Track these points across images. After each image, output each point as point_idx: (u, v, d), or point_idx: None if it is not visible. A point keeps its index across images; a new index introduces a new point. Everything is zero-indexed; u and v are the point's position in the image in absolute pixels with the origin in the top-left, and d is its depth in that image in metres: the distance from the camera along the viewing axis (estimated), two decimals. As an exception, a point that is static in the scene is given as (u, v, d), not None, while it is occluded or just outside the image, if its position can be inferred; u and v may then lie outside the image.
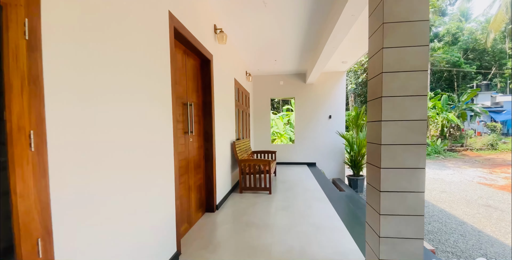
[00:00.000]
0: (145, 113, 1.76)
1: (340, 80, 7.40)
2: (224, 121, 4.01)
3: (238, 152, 4.53)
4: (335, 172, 7.47)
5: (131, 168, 1.58)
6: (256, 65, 6.41)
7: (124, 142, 1.51)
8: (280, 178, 5.65)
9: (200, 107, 3.24)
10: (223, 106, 3.94)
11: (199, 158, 3.19)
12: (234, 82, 4.81)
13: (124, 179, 1.51)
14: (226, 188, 4.09)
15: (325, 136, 7.45)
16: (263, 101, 7.66)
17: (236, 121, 5.15)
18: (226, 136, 4.19)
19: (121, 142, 1.48)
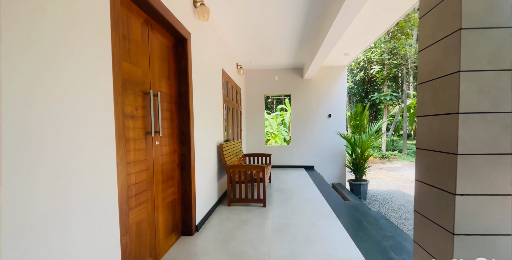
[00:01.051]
0: (55, 100, 1.01)
1: (340, 76, 6.74)
2: (207, 119, 3.27)
3: (227, 156, 3.80)
4: (335, 176, 6.80)
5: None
6: (248, 56, 5.68)
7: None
8: (276, 184, 4.94)
9: (173, 99, 2.50)
10: (206, 100, 3.20)
11: (171, 166, 2.44)
12: (222, 73, 4.08)
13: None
14: (211, 200, 3.35)
15: (324, 136, 6.78)
16: (257, 98, 6.94)
17: (224, 119, 4.41)
18: (211, 137, 3.45)
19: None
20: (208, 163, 3.28)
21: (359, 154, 6.09)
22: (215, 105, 3.64)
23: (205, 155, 3.13)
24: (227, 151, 3.93)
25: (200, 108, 2.94)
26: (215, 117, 3.63)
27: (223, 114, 4.15)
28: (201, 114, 2.96)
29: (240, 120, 6.05)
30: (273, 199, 3.92)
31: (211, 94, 3.44)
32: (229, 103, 4.73)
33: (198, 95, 2.87)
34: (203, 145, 3.05)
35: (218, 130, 3.84)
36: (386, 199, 6.19)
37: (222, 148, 3.67)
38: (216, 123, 3.73)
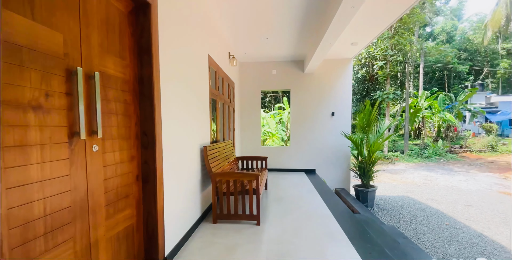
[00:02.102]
0: None
1: (345, 70, 6.07)
2: (186, 115, 2.56)
3: (213, 161, 3.10)
4: (339, 180, 6.14)
5: None
6: (242, 44, 4.97)
7: None
8: (273, 193, 4.26)
9: (129, 86, 1.79)
10: (184, 90, 2.49)
11: (125, 181, 1.74)
12: (209, 61, 3.37)
13: None
14: (190, 219, 2.65)
15: (326, 137, 6.11)
16: (252, 94, 6.24)
17: (212, 117, 3.71)
18: (192, 138, 2.75)
19: None
20: (187, 171, 2.58)
21: (366, 156, 5.43)
22: (198, 99, 2.94)
23: (182, 161, 2.43)
24: (214, 155, 3.24)
25: (174, 101, 2.24)
26: (198, 113, 2.93)
27: (210, 110, 3.45)
28: (175, 109, 2.26)
29: (233, 118, 5.35)
30: (269, 213, 3.23)
31: (192, 85, 2.74)
32: (219, 98, 4.03)
33: (171, 84, 2.17)
34: (179, 148, 2.35)
35: (202, 129, 3.14)
36: (396, 207, 5.54)
37: (207, 151, 2.97)
38: (200, 121, 3.03)
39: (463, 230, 4.37)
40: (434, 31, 29.17)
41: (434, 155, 14.27)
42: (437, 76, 28.16)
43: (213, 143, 3.60)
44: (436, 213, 5.17)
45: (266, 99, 19.73)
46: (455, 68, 26.57)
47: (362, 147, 5.54)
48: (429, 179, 8.74)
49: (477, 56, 28.58)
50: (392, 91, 13.60)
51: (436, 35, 29.18)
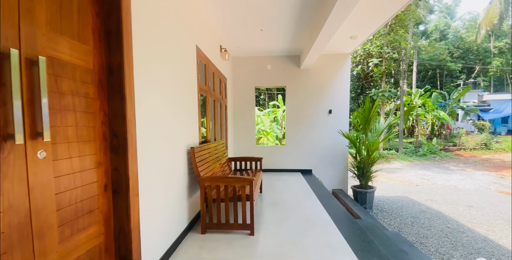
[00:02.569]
0: None
1: (343, 65, 5.81)
2: (169, 112, 2.25)
3: (201, 164, 2.80)
4: (336, 181, 5.91)
5: None
6: (234, 37, 4.65)
7: None
8: (268, 196, 3.98)
9: (93, 77, 1.47)
10: (165, 83, 2.18)
11: (89, 193, 1.43)
12: (197, 53, 3.05)
13: None
14: (173, 231, 2.35)
15: (323, 135, 5.86)
16: (246, 90, 5.93)
17: (202, 114, 3.41)
18: (177, 139, 2.44)
19: None
20: (171, 176, 2.27)
21: (365, 156, 5.20)
22: (184, 94, 2.63)
23: (164, 165, 2.12)
24: (203, 157, 2.93)
25: (153, 96, 1.92)
26: (184, 110, 2.62)
27: (199, 107, 3.14)
28: (154, 105, 1.95)
29: (225, 116, 5.04)
30: (264, 220, 2.95)
31: (177, 78, 2.42)
32: (209, 94, 3.71)
33: (148, 76, 1.85)
34: (159, 151, 2.04)
35: (190, 128, 2.83)
36: (395, 209, 5.34)
37: (195, 153, 2.66)
38: (187, 119, 2.72)
39: (467, 234, 4.18)
40: (427, 29, 29.24)
41: (429, 153, 14.23)
42: (429, 74, 28.32)
43: (202, 143, 3.29)
44: (437, 215, 4.98)
45: (261, 97, 19.44)
46: (448, 67, 26.75)
47: (361, 146, 5.31)
48: (426, 178, 8.60)
49: (470, 54, 28.79)
50: (388, 88, 13.46)
51: (429, 33, 29.26)
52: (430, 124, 18.14)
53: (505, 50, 28.33)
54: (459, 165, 11.41)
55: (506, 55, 28.46)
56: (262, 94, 19.41)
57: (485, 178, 8.54)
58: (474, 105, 19.72)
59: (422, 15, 19.85)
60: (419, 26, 28.91)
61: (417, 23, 22.40)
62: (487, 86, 30.07)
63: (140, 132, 1.71)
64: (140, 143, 1.70)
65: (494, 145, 16.55)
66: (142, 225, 1.73)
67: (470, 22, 31.66)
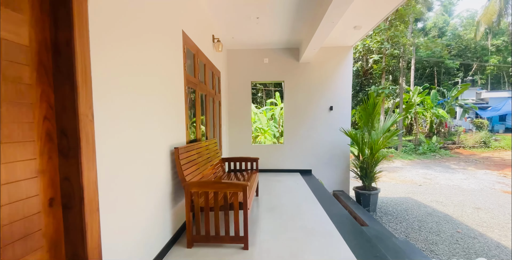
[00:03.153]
0: None
1: (345, 59, 5.46)
2: (144, 106, 1.88)
3: (188, 167, 2.44)
4: (337, 182, 5.59)
5: None
6: (228, 26, 4.27)
7: None
8: (265, 200, 3.64)
9: (32, 57, 1.09)
10: (139, 70, 1.81)
11: (26, 210, 1.06)
12: (183, 39, 2.67)
13: None
14: (154, 245, 1.99)
15: (324, 134, 5.53)
16: (242, 85, 5.56)
17: (191, 110, 3.04)
18: (156, 137, 2.07)
19: None
20: (148, 182, 1.90)
21: (369, 156, 4.87)
22: (167, 86, 2.26)
23: (139, 170, 1.76)
24: (191, 158, 2.57)
25: (122, 86, 1.56)
26: (166, 105, 2.25)
27: (186, 102, 2.76)
28: (124, 98, 1.58)
29: (219, 113, 4.68)
30: (260, 230, 2.61)
31: (156, 65, 2.05)
32: (200, 88, 3.34)
33: (115, 60, 1.48)
34: (131, 153, 1.67)
35: (175, 125, 2.46)
36: (400, 212, 5.03)
37: (179, 154, 2.29)
38: (171, 115, 2.35)
39: (478, 239, 3.89)
40: (426, 26, 28.99)
41: (429, 151, 14.01)
42: (427, 72, 28.16)
43: (191, 142, 2.93)
44: (445, 218, 4.68)
45: (258, 95, 19.06)
46: (446, 64, 26.60)
47: (364, 145, 4.98)
48: (428, 177, 8.34)
49: (467, 52, 28.64)
50: (388, 85, 13.17)
51: (428, 30, 29.02)
52: (429, 122, 17.95)
53: (502, 48, 28.26)
54: (460, 163, 11.18)
55: (503, 53, 28.39)
56: (259, 92, 19.05)
57: (488, 177, 8.29)
58: (472, 103, 19.56)
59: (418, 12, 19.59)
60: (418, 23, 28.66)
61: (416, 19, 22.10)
62: (484, 84, 30.02)
63: (101, 130, 1.35)
64: (100, 144, 1.34)
65: (493, 143, 16.40)
66: (105, 247, 1.37)
67: (468, 20, 31.50)
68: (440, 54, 22.34)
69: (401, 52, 14.24)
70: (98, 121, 1.31)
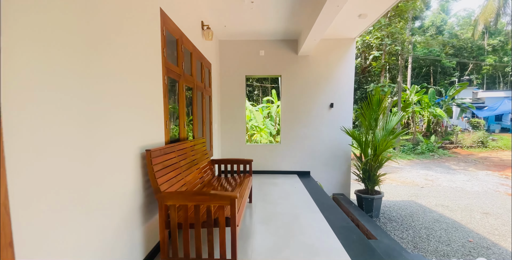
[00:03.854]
0: None
1: (348, 52, 5.05)
2: (98, 94, 1.43)
3: (164, 173, 2.00)
4: (337, 184, 5.20)
5: None
6: (220, 11, 3.81)
7: None
8: (259, 208, 3.22)
9: None
10: (91, 48, 1.36)
11: None
12: (161, 19, 2.22)
13: None
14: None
15: (323, 133, 5.12)
16: (235, 80, 5.12)
17: (174, 105, 2.60)
18: (116, 136, 1.63)
19: None
20: (104, 196, 1.46)
21: (372, 157, 4.49)
22: (139, 73, 1.81)
23: (88, 180, 1.31)
24: (168, 162, 2.13)
25: (52, 60, 1.11)
26: (136, 97, 1.80)
27: (165, 94, 2.32)
28: (54, 79, 1.13)
29: (209, 109, 4.24)
30: (252, 248, 2.19)
31: (121, 46, 1.60)
32: (184, 79, 2.89)
33: (50, 26, 1.04)
34: (77, 158, 1.23)
35: (149, 122, 2.02)
36: (405, 217, 4.67)
37: (152, 158, 1.85)
38: (142, 110, 1.90)
39: (492, 250, 3.54)
40: (424, 24, 28.79)
41: (427, 151, 13.77)
42: (423, 71, 28.06)
43: (172, 142, 2.49)
44: (453, 225, 4.33)
45: (254, 93, 18.62)
46: (443, 63, 26.48)
47: (367, 146, 4.59)
48: (429, 178, 8.02)
49: (463, 52, 28.58)
50: (387, 83, 12.84)
51: (426, 29, 28.83)
52: (426, 122, 17.75)
53: (498, 48, 28.29)
54: (460, 163, 10.93)
55: (499, 53, 28.42)
56: (255, 90, 18.61)
57: (491, 179, 8.01)
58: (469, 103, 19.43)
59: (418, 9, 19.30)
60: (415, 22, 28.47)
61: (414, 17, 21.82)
62: (479, 83, 30.07)
63: (17, 124, 0.90)
64: (16, 145, 0.89)
65: (491, 143, 16.26)
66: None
67: (465, 19, 31.46)
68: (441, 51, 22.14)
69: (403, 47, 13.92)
70: (5, 110, 0.87)
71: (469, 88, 24.89)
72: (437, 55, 24.77)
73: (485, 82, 30.44)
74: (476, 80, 29.21)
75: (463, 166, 10.43)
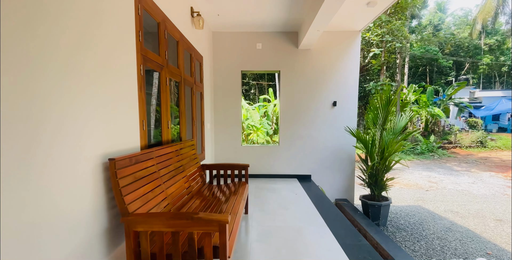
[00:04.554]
0: None
1: (352, 46, 4.65)
2: (38, 86, 1.00)
3: (134, 188, 1.57)
4: (340, 189, 4.82)
5: None
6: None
7: None
8: (256, 220, 2.81)
9: None
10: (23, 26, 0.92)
11: None
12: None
13: None
14: None
15: (326, 133, 4.73)
16: (230, 76, 4.69)
17: (157, 102, 2.17)
18: (65, 142, 1.20)
19: None
20: (48, 223, 1.03)
21: (378, 160, 4.11)
22: (97, 58, 1.38)
23: (21, 203, 0.88)
24: (140, 174, 1.70)
25: None
26: (97, 91, 1.37)
27: (141, 89, 1.89)
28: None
29: (201, 107, 3.81)
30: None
31: (70, 18, 1.17)
32: (169, 71, 2.45)
33: None
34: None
35: (116, 121, 1.59)
36: (414, 226, 4.31)
37: (116, 170, 1.42)
38: (107, 106, 1.47)
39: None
40: (421, 23, 28.62)
41: (427, 151, 13.51)
42: (420, 71, 27.94)
43: (152, 146, 2.06)
44: (467, 235, 3.98)
45: (251, 91, 18.17)
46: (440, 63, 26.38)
47: (374, 148, 4.21)
48: (433, 180, 7.70)
49: (460, 51, 28.52)
50: (387, 82, 12.52)
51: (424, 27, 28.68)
52: (424, 121, 17.54)
53: (495, 48, 28.32)
54: (462, 164, 10.66)
55: (495, 53, 28.45)
56: (252, 88, 18.17)
57: (496, 181, 7.72)
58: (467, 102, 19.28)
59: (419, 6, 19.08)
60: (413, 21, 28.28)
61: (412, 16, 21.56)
62: (476, 83, 30.10)
63: None
64: None
65: (490, 142, 16.10)
66: None
67: (462, 18, 31.44)
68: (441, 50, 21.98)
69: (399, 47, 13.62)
70: None
71: (466, 88, 24.79)
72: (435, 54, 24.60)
73: (481, 82, 30.48)
74: (473, 79, 29.19)
75: (465, 166, 10.15)
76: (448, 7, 34.71)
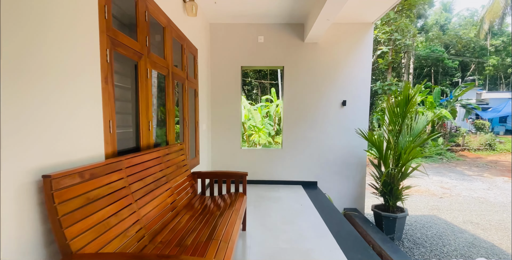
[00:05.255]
0: None
1: (364, 39, 4.22)
2: None
3: (80, 217, 1.15)
4: (349, 197, 4.38)
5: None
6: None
7: None
8: (256, 240, 2.38)
9: None
10: None
11: None
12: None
13: None
14: None
15: (334, 136, 4.30)
16: (229, 72, 4.27)
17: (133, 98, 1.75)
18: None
19: None
20: None
21: (393, 167, 3.67)
22: (29, 38, 0.96)
23: None
24: (97, 192, 1.27)
25: None
26: (30, 76, 0.95)
27: (108, 81, 1.46)
28: None
29: (194, 106, 3.38)
30: None
31: None
32: (150, 62, 2.03)
33: None
34: None
35: (66, 121, 1.17)
36: (432, 240, 3.86)
37: (52, 191, 0.99)
38: (49, 97, 1.05)
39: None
40: (427, 23, 28.09)
41: (435, 154, 13.02)
42: (425, 72, 27.45)
43: (121, 154, 1.63)
44: (493, 251, 3.53)
45: (253, 92, 17.76)
46: (446, 64, 25.86)
47: (388, 153, 3.77)
48: (446, 186, 7.23)
49: (466, 52, 27.97)
50: (394, 82, 12.06)
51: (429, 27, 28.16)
52: (431, 123, 17.05)
53: (501, 49, 27.79)
54: (472, 168, 10.17)
55: (501, 54, 27.91)
56: (254, 89, 17.75)
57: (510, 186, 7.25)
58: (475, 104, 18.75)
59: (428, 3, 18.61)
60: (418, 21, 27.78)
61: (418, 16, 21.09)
62: (481, 84, 29.56)
63: None
64: None
65: (498, 145, 15.59)
66: None
67: (468, 19, 30.92)
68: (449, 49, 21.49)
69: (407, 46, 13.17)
70: None
71: (473, 89, 24.23)
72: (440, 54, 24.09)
73: (487, 83, 29.93)
74: (478, 81, 28.65)
75: (476, 171, 9.67)
76: (453, 8, 34.19)
